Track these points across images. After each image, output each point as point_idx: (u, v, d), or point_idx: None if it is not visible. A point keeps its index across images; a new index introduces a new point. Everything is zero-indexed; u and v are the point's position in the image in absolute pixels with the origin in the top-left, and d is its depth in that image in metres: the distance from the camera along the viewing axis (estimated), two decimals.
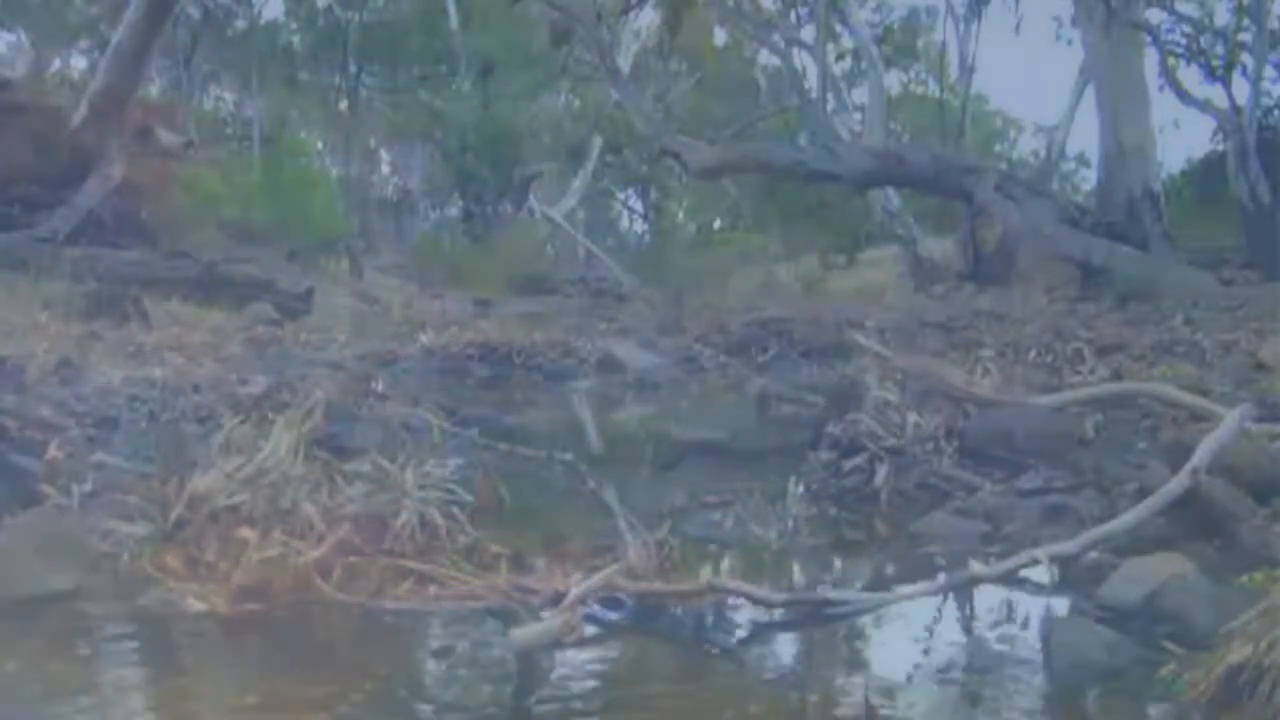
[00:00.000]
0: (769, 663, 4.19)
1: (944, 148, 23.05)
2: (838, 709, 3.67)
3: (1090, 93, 21.51)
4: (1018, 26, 24.37)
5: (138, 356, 10.22)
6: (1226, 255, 17.73)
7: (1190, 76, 19.96)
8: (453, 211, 32.15)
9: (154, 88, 25.23)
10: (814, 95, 23.45)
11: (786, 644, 4.40)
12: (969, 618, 4.59)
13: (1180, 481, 5.05)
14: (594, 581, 4.23)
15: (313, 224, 20.84)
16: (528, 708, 3.73)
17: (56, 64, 28.18)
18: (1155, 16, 20.20)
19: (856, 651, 4.25)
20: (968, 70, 26.41)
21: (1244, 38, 19.47)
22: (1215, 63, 19.65)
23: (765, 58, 30.52)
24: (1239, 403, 5.97)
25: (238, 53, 29.76)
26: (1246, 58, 19.10)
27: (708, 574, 4.71)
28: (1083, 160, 29.30)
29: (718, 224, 35.60)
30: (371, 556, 4.70)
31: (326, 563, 4.58)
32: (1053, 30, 24.44)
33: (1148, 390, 7.78)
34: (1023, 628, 4.40)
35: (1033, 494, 6.04)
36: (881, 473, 6.33)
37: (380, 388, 8.96)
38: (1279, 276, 15.65)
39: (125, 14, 17.24)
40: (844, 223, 24.63)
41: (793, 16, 26.40)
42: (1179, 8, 20.63)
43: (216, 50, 29.88)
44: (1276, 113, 19.60)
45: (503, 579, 4.55)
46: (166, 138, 17.71)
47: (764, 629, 4.38)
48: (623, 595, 4.40)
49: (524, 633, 3.91)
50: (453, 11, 30.44)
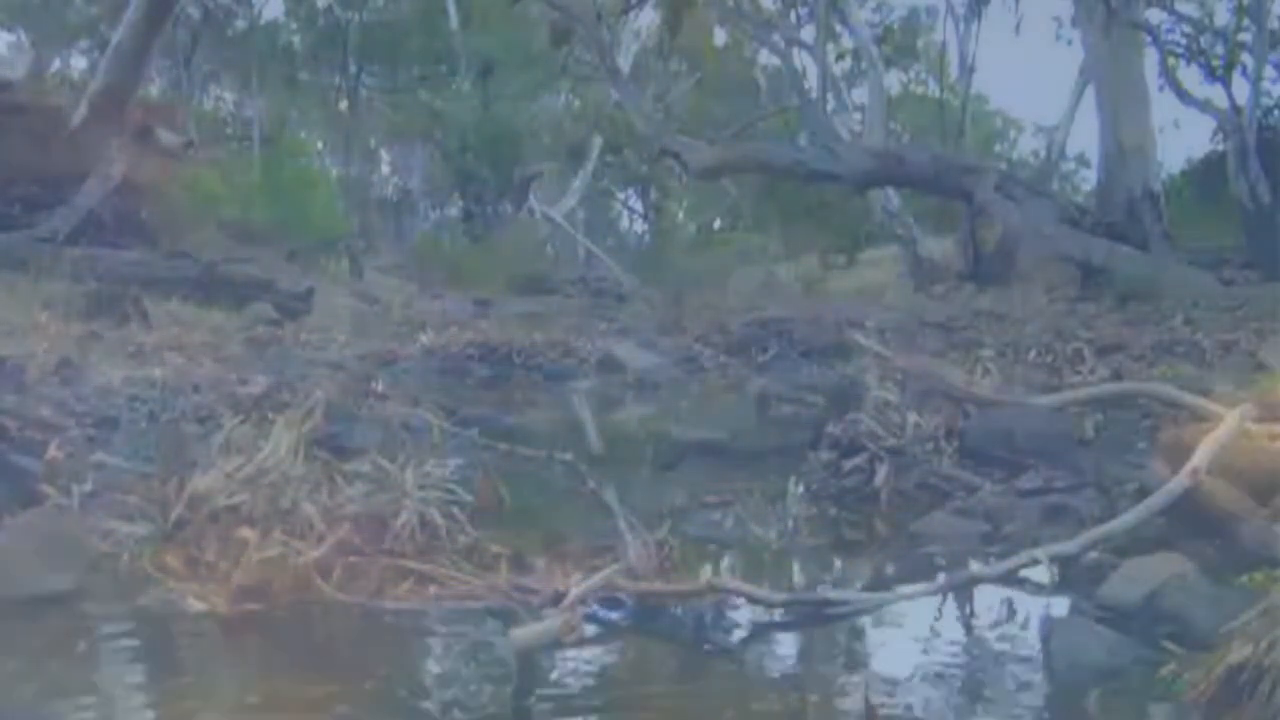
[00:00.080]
0: (769, 663, 4.19)
1: (944, 148, 23.04)
2: (838, 709, 3.68)
3: (1090, 93, 21.49)
4: (1018, 26, 24.33)
5: (138, 356, 10.22)
6: (1226, 255, 17.71)
7: (1190, 76, 19.96)
8: (453, 211, 32.14)
9: (154, 88, 25.22)
10: (814, 95, 23.44)
11: (786, 644, 4.40)
12: (969, 618, 4.59)
13: (1180, 481, 5.05)
14: (594, 581, 4.23)
15: (313, 224, 20.83)
16: (528, 708, 3.73)
17: (56, 64, 28.20)
18: (1155, 16, 20.20)
19: (856, 651, 4.25)
20: (968, 70, 26.40)
21: (1244, 38, 19.46)
22: (1215, 63, 19.64)
23: (765, 58, 30.52)
24: (1239, 403, 5.96)
25: (238, 53, 29.76)
26: (1246, 58, 19.09)
27: (708, 574, 4.71)
28: (1083, 160, 29.27)
29: (718, 224, 35.58)
30: (371, 556, 4.70)
31: (326, 563, 4.58)
32: (1053, 30, 24.39)
33: (1148, 390, 7.78)
34: (1023, 628, 4.40)
35: (1033, 494, 6.04)
36: (881, 473, 6.33)
37: (380, 388, 8.97)
38: (1279, 276, 15.63)
39: (125, 14, 17.24)
40: (844, 223, 24.59)
41: (793, 16, 26.38)
42: (1179, 8, 20.63)
43: (216, 50, 29.87)
44: (1276, 113, 19.59)
45: (503, 579, 4.55)
46: (166, 138, 17.69)
47: (764, 629, 4.38)
48: (623, 595, 4.41)
49: (524, 633, 3.91)
50: (453, 11, 30.43)
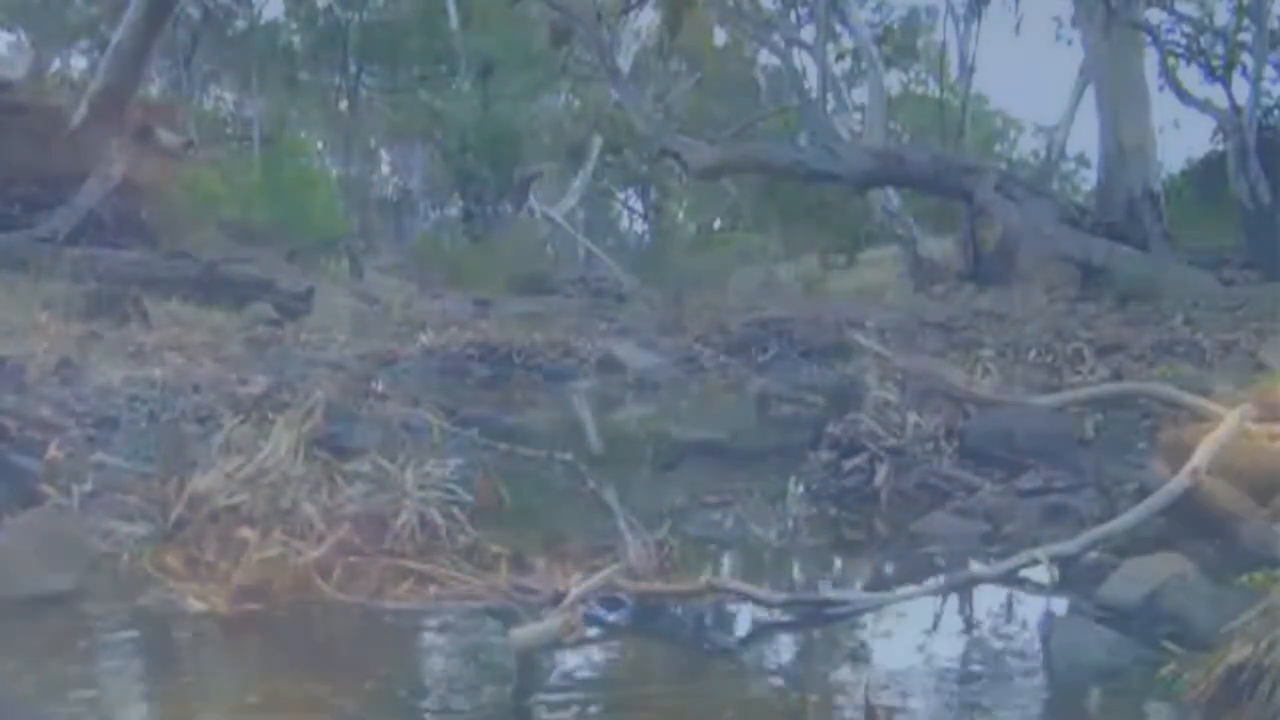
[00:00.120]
0: (769, 663, 4.19)
1: (944, 148, 23.03)
2: (838, 709, 3.67)
3: (1090, 93, 21.48)
4: (1018, 26, 24.29)
5: (138, 356, 10.22)
6: (1226, 255, 17.69)
7: (1190, 76, 19.93)
8: (453, 211, 32.13)
9: (154, 88, 25.21)
10: (814, 95, 23.43)
11: (786, 644, 4.40)
12: (969, 618, 4.59)
13: (1180, 481, 5.05)
14: (594, 581, 4.23)
15: (313, 224, 20.83)
16: (528, 708, 3.73)
17: (56, 64, 28.19)
18: (1155, 16, 20.18)
19: (856, 651, 4.25)
20: (968, 70, 26.41)
21: (1244, 38, 19.45)
22: (1215, 63, 19.63)
23: (765, 58, 30.51)
24: (1239, 403, 5.96)
25: (238, 53, 29.74)
26: (1246, 58, 19.08)
27: (708, 574, 4.71)
28: (1083, 160, 29.23)
29: (718, 224, 35.55)
30: (371, 556, 4.70)
31: (326, 563, 4.58)
32: (1053, 30, 24.38)
33: (1148, 390, 7.78)
34: (1023, 628, 4.40)
35: (1033, 494, 6.04)
36: (881, 473, 6.33)
37: (380, 388, 8.97)
38: (1279, 276, 15.62)
39: (125, 14, 17.24)
40: (844, 223, 24.58)
41: (793, 16, 26.37)
42: (1179, 8, 20.61)
43: (216, 50, 29.85)
44: (1276, 113, 19.58)
45: (503, 579, 4.55)
46: (166, 138, 17.68)
47: (764, 629, 4.38)
48: (623, 595, 4.41)
49: (524, 633, 3.91)
50: (453, 11, 30.42)
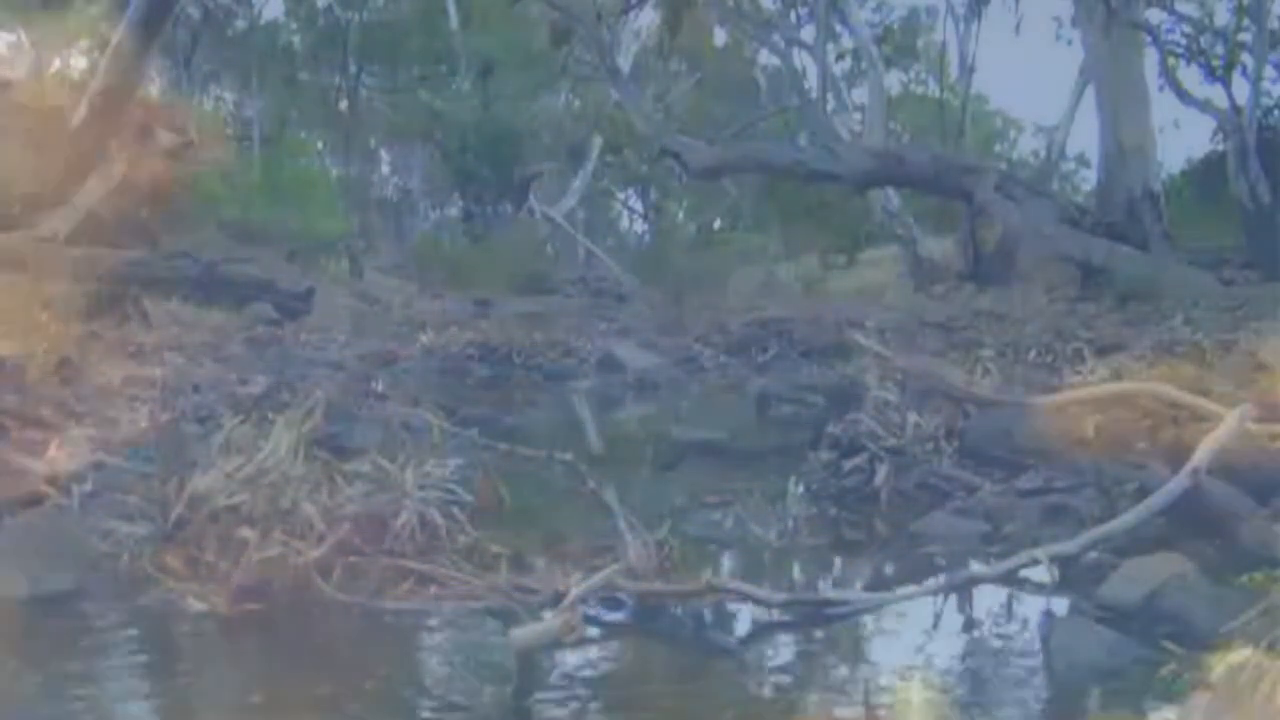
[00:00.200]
0: (769, 663, 4.19)
1: (944, 148, 23.02)
2: (838, 709, 3.67)
3: (1090, 93, 21.47)
4: (1018, 26, 24.26)
5: (138, 356, 10.22)
6: (1226, 255, 17.69)
7: (1190, 76, 19.92)
8: (453, 211, 32.13)
9: (154, 88, 25.17)
10: (814, 95, 23.43)
11: (786, 644, 4.40)
12: (969, 618, 4.59)
13: (1180, 481, 5.05)
14: (594, 581, 4.23)
15: (313, 224, 20.84)
16: (528, 708, 3.73)
17: (56, 64, 28.14)
18: (1155, 16, 20.16)
19: (856, 651, 4.25)
20: (968, 70, 26.40)
21: (1244, 38, 19.44)
22: (1215, 63, 19.62)
23: (765, 58, 30.48)
24: (1239, 403, 5.96)
25: (238, 53, 29.72)
26: (1246, 58, 19.07)
27: (708, 574, 4.71)
28: (1083, 160, 29.20)
29: (718, 224, 35.54)
30: (371, 556, 4.70)
31: (326, 563, 4.58)
32: (1053, 30, 24.36)
33: (1148, 390, 7.76)
34: (1023, 628, 4.40)
35: (1033, 494, 6.04)
36: (881, 473, 6.33)
37: (380, 388, 8.97)
38: (1279, 276, 15.62)
39: (125, 14, 17.23)
40: (844, 223, 24.57)
41: (793, 16, 26.35)
42: (1179, 8, 20.59)
43: (216, 50, 29.82)
44: (1276, 113, 19.57)
45: (503, 579, 4.56)
46: (166, 138, 17.67)
47: (764, 629, 4.38)
48: (623, 595, 4.41)
49: (524, 633, 3.92)
50: (453, 11, 30.42)
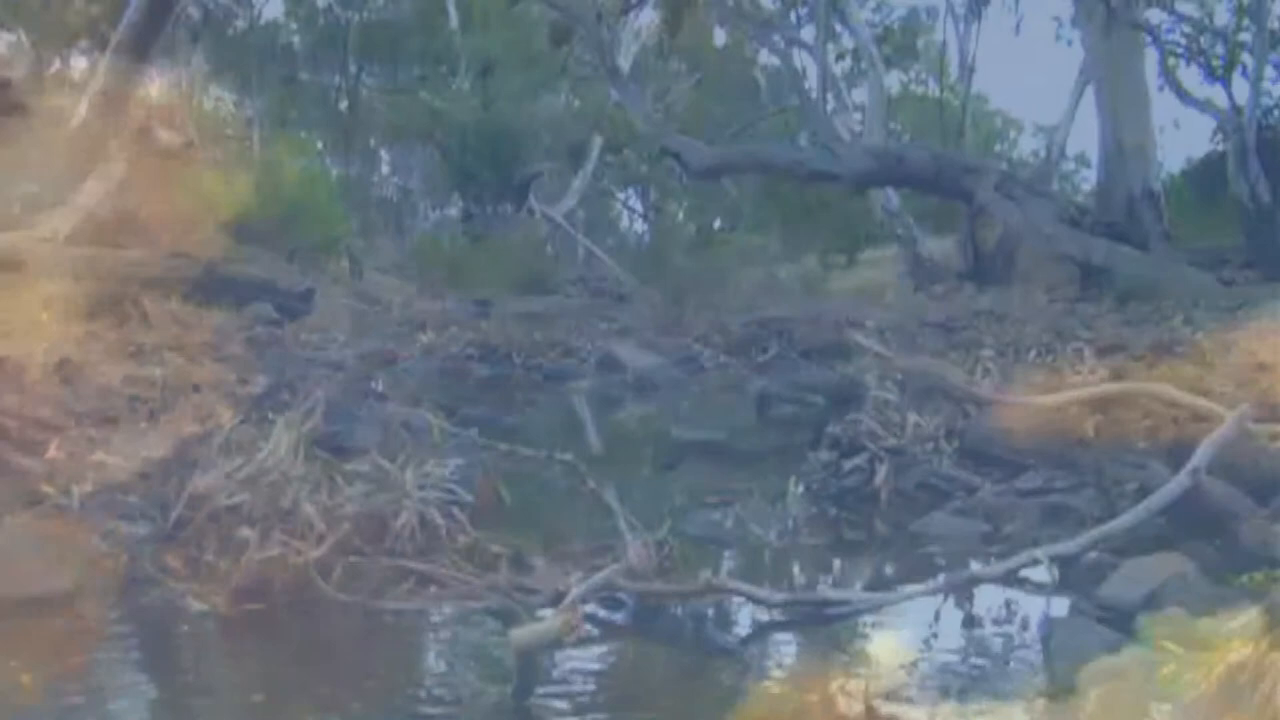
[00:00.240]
0: (769, 663, 4.19)
1: (944, 148, 23.01)
2: (838, 709, 3.67)
3: (1090, 93, 21.46)
4: (1018, 26, 24.23)
5: (138, 356, 10.21)
6: (1226, 255, 17.68)
7: (1190, 76, 19.88)
8: (453, 211, 32.11)
9: (154, 88, 25.17)
10: (814, 95, 23.41)
11: (786, 644, 4.40)
12: (969, 618, 4.59)
13: (1180, 481, 5.05)
14: (594, 581, 4.24)
15: (313, 224, 20.81)
16: (528, 708, 3.73)
17: (56, 64, 28.15)
18: (1155, 16, 20.13)
19: (856, 651, 4.25)
20: (968, 70, 26.37)
21: (1244, 38, 19.43)
22: (1215, 63, 19.60)
23: (765, 58, 30.44)
24: (1239, 403, 5.96)
25: (238, 53, 29.72)
26: (1246, 58, 19.06)
27: (708, 574, 4.71)
28: (1083, 160, 29.15)
29: (718, 224, 35.53)
30: (371, 556, 4.70)
31: (326, 563, 4.59)
32: (1053, 30, 24.33)
33: (1148, 390, 7.76)
34: (1023, 628, 4.40)
35: (1033, 494, 6.05)
36: (881, 473, 6.34)
37: (380, 388, 8.97)
38: (1279, 276, 15.62)
39: (125, 14, 17.23)
40: (844, 223, 24.56)
41: (793, 16, 26.34)
42: (1179, 8, 20.55)
43: (216, 50, 29.82)
44: (1276, 113, 19.54)
45: (503, 579, 4.56)
46: (166, 138, 17.67)
47: (764, 629, 4.38)
48: (623, 595, 4.41)
49: (524, 633, 3.92)
50: (453, 11, 30.42)
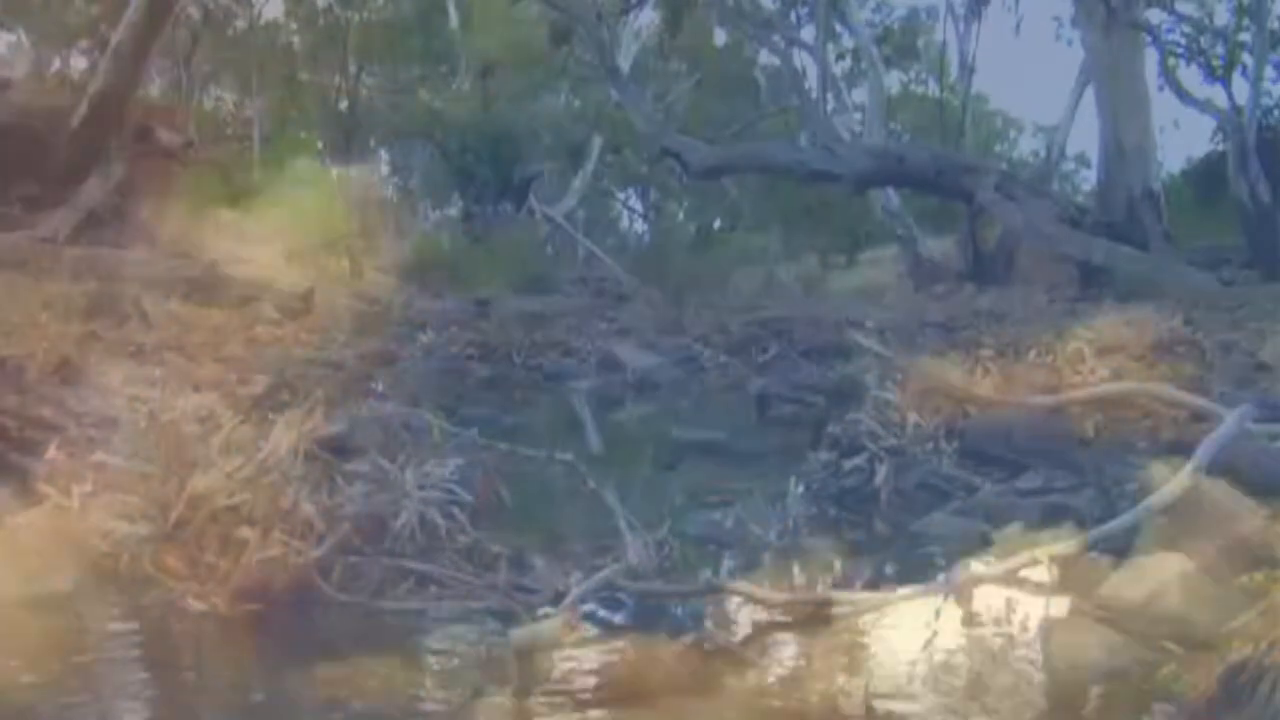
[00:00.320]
0: (769, 662, 4.19)
1: (944, 148, 23.01)
2: (838, 709, 3.67)
3: (1090, 93, 21.46)
4: (1018, 26, 24.23)
5: (138, 356, 10.21)
6: (1226, 255, 17.70)
7: (1190, 76, 19.89)
8: (453, 211, 32.10)
9: (154, 88, 25.18)
10: (814, 95, 23.41)
11: (786, 644, 4.40)
12: (969, 618, 4.59)
13: (1180, 481, 5.05)
14: (594, 581, 4.24)
15: (313, 224, 20.81)
16: (528, 708, 3.73)
17: (56, 64, 28.15)
18: (1155, 16, 20.14)
19: (856, 651, 4.25)
20: (968, 70, 26.37)
21: (1244, 38, 19.44)
22: (1215, 63, 19.61)
23: (765, 58, 30.41)
24: (1239, 403, 5.96)
25: (238, 53, 29.72)
26: (1246, 58, 19.07)
27: (708, 574, 4.71)
28: (1083, 160, 29.16)
29: (718, 224, 35.54)
30: (371, 556, 4.70)
31: (326, 563, 4.59)
32: (1053, 30, 24.35)
33: (1148, 390, 7.76)
34: (1023, 628, 4.40)
35: (1033, 494, 6.04)
36: (881, 473, 6.34)
37: (380, 388, 8.97)
38: (1279, 276, 15.62)
39: (125, 14, 17.22)
40: (844, 223, 24.60)
41: (793, 16, 26.35)
42: (1179, 8, 20.57)
43: (216, 50, 29.82)
44: (1276, 113, 19.58)
45: (503, 579, 4.56)
46: (166, 138, 17.68)
47: (764, 629, 4.38)
48: (623, 595, 4.41)
49: (524, 633, 3.92)
50: (453, 11, 30.42)
